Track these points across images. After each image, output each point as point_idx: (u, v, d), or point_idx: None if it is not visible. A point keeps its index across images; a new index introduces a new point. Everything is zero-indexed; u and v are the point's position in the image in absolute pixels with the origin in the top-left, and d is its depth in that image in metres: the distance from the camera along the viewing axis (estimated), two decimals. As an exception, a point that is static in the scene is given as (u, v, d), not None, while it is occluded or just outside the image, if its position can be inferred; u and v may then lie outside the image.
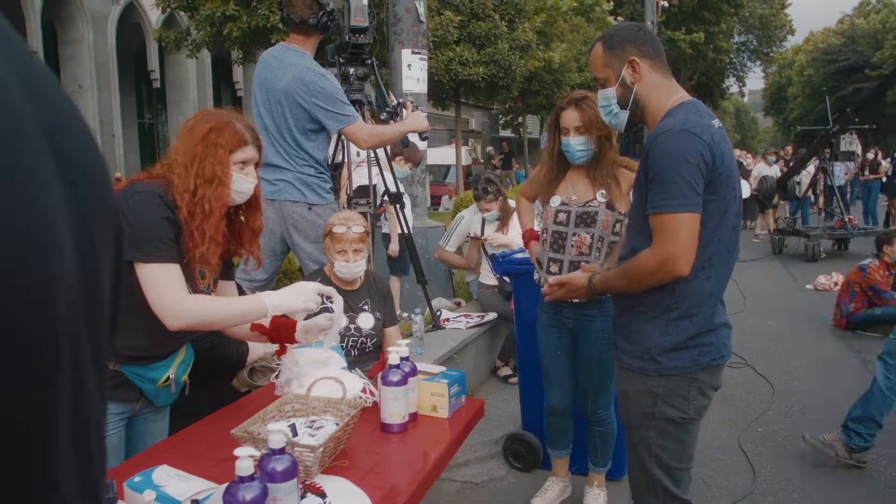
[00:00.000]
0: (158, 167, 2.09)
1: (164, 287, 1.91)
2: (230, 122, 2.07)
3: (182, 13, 13.18)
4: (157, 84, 21.17)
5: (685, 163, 1.93)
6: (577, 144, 2.93)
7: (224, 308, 2.05)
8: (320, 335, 2.31)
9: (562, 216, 3.02)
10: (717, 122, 2.06)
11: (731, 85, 51.38)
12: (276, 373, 2.43)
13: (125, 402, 2.10)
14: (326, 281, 3.16)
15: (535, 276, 3.18)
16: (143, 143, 22.59)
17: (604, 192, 2.96)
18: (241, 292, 3.16)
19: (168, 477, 1.60)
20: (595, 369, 3.12)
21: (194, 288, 2.10)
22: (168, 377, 2.14)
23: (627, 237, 2.27)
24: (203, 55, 18.21)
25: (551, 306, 3.13)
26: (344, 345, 3.06)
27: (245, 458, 1.37)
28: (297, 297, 2.09)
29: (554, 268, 3.04)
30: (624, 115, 2.20)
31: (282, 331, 2.31)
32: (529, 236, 3.22)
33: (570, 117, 2.92)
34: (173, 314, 1.91)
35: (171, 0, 11.55)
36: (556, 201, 3.04)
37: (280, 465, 1.47)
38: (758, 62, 51.44)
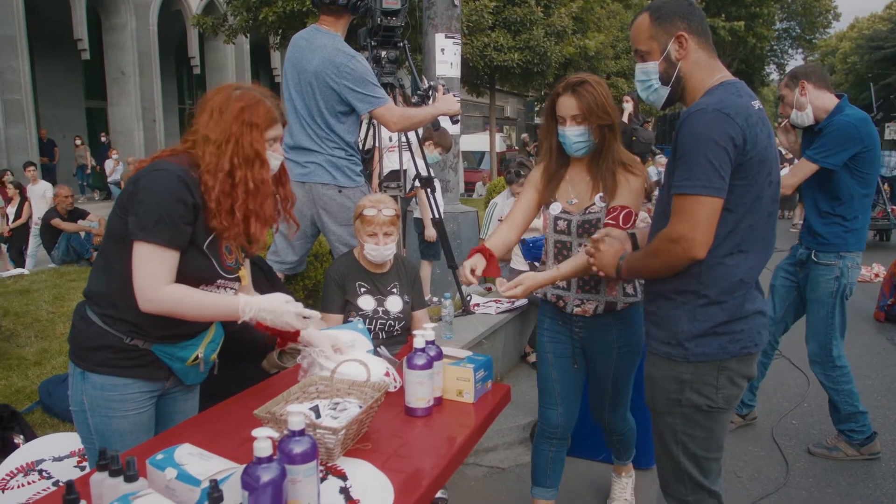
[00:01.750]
0: (181, 144, 2.09)
1: (148, 270, 1.92)
2: (260, 99, 2.06)
3: (220, -1, 13.30)
4: (197, 70, 21.46)
5: (713, 144, 1.86)
6: (573, 135, 2.60)
7: (198, 303, 2.01)
8: (315, 351, 2.30)
9: (562, 224, 2.74)
10: (756, 104, 1.98)
11: (772, 72, 50.25)
12: (303, 354, 2.43)
13: (155, 380, 2.11)
14: (355, 263, 3.15)
15: (546, 295, 2.84)
16: (183, 129, 22.58)
17: (602, 194, 2.65)
18: (272, 274, 3.19)
19: (190, 456, 1.60)
20: (611, 380, 2.88)
21: (221, 263, 2.10)
22: (197, 356, 2.15)
23: (654, 223, 2.18)
24: (241, 41, 18.40)
25: (557, 315, 2.86)
26: (372, 327, 3.06)
27: (263, 440, 1.37)
28: (275, 316, 2.06)
29: (562, 280, 2.73)
30: (664, 92, 2.10)
31: (283, 332, 2.27)
32: (477, 250, 2.65)
33: (567, 105, 2.58)
34: (147, 297, 1.92)
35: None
36: (556, 208, 2.75)
37: (299, 446, 1.46)
38: (800, 49, 50.13)
